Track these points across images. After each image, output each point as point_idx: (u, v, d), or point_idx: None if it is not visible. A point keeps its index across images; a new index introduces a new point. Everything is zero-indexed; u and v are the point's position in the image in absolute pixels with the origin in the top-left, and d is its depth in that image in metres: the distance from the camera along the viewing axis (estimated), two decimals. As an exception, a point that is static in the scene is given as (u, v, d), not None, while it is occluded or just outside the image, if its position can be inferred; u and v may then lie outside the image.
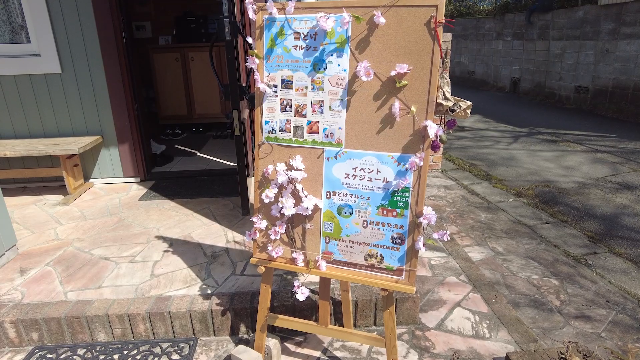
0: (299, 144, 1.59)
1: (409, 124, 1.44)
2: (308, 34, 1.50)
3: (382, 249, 1.55)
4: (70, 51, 3.52)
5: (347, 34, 1.46)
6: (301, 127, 1.58)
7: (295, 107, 1.57)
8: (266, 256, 1.72)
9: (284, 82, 1.57)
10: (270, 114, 1.61)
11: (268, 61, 1.58)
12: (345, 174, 1.55)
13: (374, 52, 1.44)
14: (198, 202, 3.40)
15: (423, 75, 1.40)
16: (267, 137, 1.64)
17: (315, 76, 1.52)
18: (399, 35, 1.40)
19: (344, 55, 1.47)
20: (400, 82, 1.41)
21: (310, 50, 1.51)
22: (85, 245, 2.73)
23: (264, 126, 1.63)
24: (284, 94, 1.58)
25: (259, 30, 1.57)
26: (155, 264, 2.48)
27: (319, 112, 1.54)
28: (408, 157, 1.46)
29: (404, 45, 1.40)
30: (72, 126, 3.73)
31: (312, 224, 1.63)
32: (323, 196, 1.60)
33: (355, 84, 1.48)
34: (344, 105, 1.50)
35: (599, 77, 7.69)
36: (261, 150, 1.66)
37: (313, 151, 1.58)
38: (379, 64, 1.44)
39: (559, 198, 4.18)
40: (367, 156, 1.51)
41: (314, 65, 1.52)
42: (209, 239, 2.77)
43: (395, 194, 1.50)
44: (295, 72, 1.55)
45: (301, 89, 1.55)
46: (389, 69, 1.43)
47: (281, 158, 1.63)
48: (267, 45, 1.57)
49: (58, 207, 3.37)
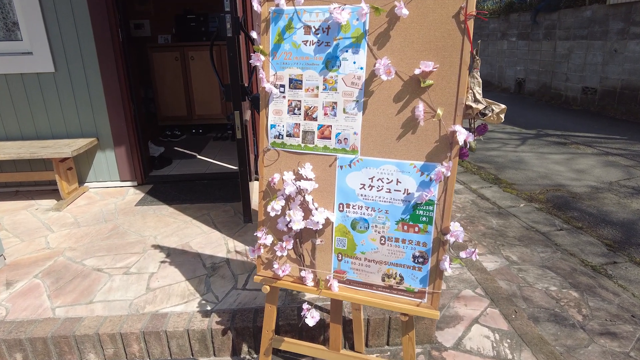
0: (308, 151, 1.43)
1: (434, 129, 1.28)
2: (320, 27, 1.34)
3: (402, 268, 1.39)
4: (64, 49, 3.36)
5: (365, 27, 1.29)
6: (311, 131, 1.41)
7: (304, 110, 1.41)
8: (271, 274, 1.55)
9: (292, 82, 1.41)
10: (276, 117, 1.45)
11: (275, 58, 1.42)
12: (361, 184, 1.39)
13: (395, 48, 1.28)
14: (197, 207, 3.24)
15: (451, 74, 1.24)
16: (273, 143, 1.48)
17: (328, 75, 1.36)
18: (424, 29, 1.24)
19: (360, 52, 1.31)
20: (425, 82, 1.25)
21: (322, 45, 1.35)
22: (77, 255, 2.57)
23: (269, 130, 1.47)
24: (293, 95, 1.42)
25: (264, 23, 1.40)
26: (151, 276, 2.32)
27: (332, 115, 1.38)
28: (433, 166, 1.29)
29: (430, 41, 1.24)
30: (66, 128, 3.57)
31: (323, 240, 1.47)
32: (335, 209, 1.43)
33: (373, 83, 1.32)
34: (360, 108, 1.34)
35: (607, 78, 7.53)
36: (266, 156, 1.50)
37: (324, 158, 1.42)
38: (401, 61, 1.28)
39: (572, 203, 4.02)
40: (386, 165, 1.34)
41: (326, 63, 1.36)
42: (208, 248, 2.61)
43: (417, 208, 1.34)
44: (305, 70, 1.39)
45: (312, 89, 1.39)
46: (411, 67, 1.27)
47: (289, 166, 1.47)
48: (274, 41, 1.40)
49: (50, 212, 3.21)
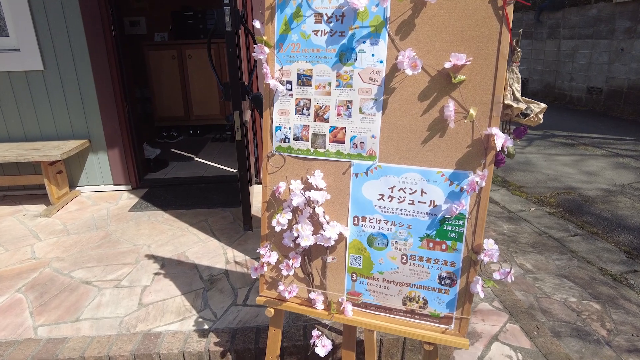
0: (319, 156, 1.26)
1: (466, 131, 1.11)
2: (333, 15, 1.17)
3: (426, 290, 1.22)
4: (53, 47, 3.18)
5: (385, 14, 1.12)
6: (322, 134, 1.24)
7: (314, 110, 1.24)
8: (276, 295, 1.38)
9: (300, 78, 1.24)
10: (282, 118, 1.28)
11: (280, 51, 1.24)
12: (379, 194, 1.21)
13: (421, 38, 1.11)
14: (194, 213, 3.06)
15: (486, 69, 1.07)
16: (279, 147, 1.30)
17: (342, 69, 1.19)
18: (455, 16, 1.07)
19: (380, 43, 1.14)
20: (457, 77, 1.08)
21: (335, 36, 1.18)
22: (65, 266, 2.39)
23: (274, 133, 1.30)
24: (301, 93, 1.25)
25: (269, 11, 1.23)
26: (144, 290, 2.14)
27: (346, 116, 1.21)
28: (464, 174, 1.12)
29: (461, 30, 1.07)
30: (57, 129, 3.39)
31: (335, 257, 1.29)
32: (349, 222, 1.26)
33: (395, 79, 1.15)
34: (379, 107, 1.17)
35: (613, 78, 7.38)
36: (271, 163, 1.32)
37: (337, 165, 1.25)
38: (427, 53, 1.11)
39: (584, 207, 3.86)
40: (409, 172, 1.17)
41: (340, 56, 1.19)
42: (206, 258, 2.44)
43: (445, 222, 1.16)
44: (316, 64, 1.21)
45: (323, 86, 1.22)
46: (440, 60, 1.10)
47: (296, 173, 1.30)
48: (280, 31, 1.23)
49: (39, 219, 3.03)
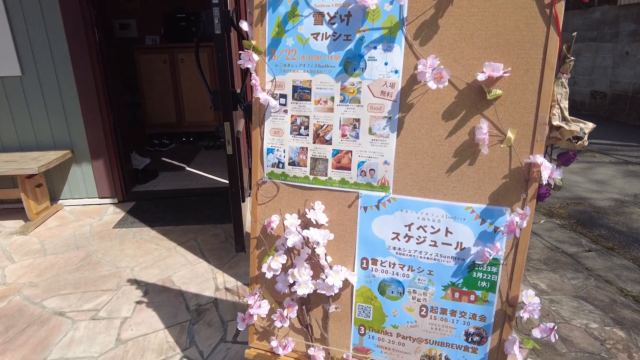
0: (319, 185, 1.04)
1: (501, 159, 0.90)
2: (337, 14, 0.96)
3: (449, 349, 1.00)
4: (32, 50, 2.96)
5: (402, 14, 0.91)
6: (323, 159, 1.03)
7: (314, 129, 1.03)
8: (268, 347, 1.16)
9: (297, 91, 1.02)
10: (275, 139, 1.06)
11: (273, 58, 1.03)
12: (394, 233, 1.00)
13: (446, 43, 0.89)
14: (183, 230, 2.84)
15: (528, 82, 0.86)
16: (271, 173, 1.09)
17: (348, 81, 0.98)
18: (489, 16, 0.86)
19: (395, 48, 0.93)
20: (492, 92, 0.86)
21: (339, 40, 0.96)
22: (37, 294, 2.16)
23: (265, 156, 1.08)
24: (298, 109, 1.03)
25: (258, 10, 1.02)
26: (123, 323, 1.92)
27: (353, 137, 0.99)
28: (499, 211, 0.91)
29: (497, 33, 0.86)
30: (37, 139, 3.16)
31: (339, 306, 1.08)
32: (357, 265, 1.05)
33: (414, 93, 0.93)
34: (394, 127, 0.96)
35: (618, 82, 7.20)
36: (262, 191, 1.11)
37: (342, 196, 1.03)
38: (454, 62, 0.90)
39: (597, 219, 3.66)
40: (431, 207, 0.96)
41: (345, 64, 0.97)
42: (193, 284, 2.21)
43: (475, 269, 0.95)
44: (316, 74, 1.00)
45: (324, 100, 1.00)
46: (470, 71, 0.89)
47: (292, 205, 1.08)
48: (272, 34, 1.02)
49: (15, 236, 2.80)
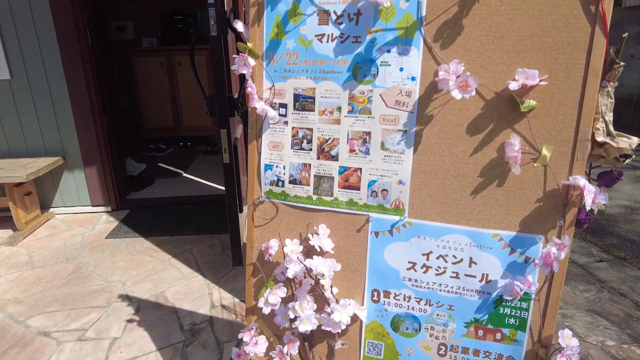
0: (324, 206, 0.92)
1: (535, 179, 0.78)
2: (345, 13, 0.84)
3: (473, 394, 0.88)
4: (21, 53, 2.84)
5: (420, 12, 0.79)
6: (329, 177, 0.91)
7: (318, 143, 0.91)
8: (267, 386, 1.04)
9: (299, 100, 0.90)
10: (274, 154, 0.94)
11: (271, 63, 0.91)
12: (410, 262, 0.88)
13: (472, 46, 0.78)
14: (178, 241, 2.72)
15: (567, 91, 0.74)
16: (270, 192, 0.96)
17: (357, 89, 0.86)
18: (523, 15, 0.74)
19: (411, 52, 0.81)
20: (525, 103, 0.74)
21: (348, 42, 0.85)
22: (22, 311, 2.04)
23: (263, 173, 0.96)
24: (300, 120, 0.91)
25: (255, 9, 0.90)
26: (112, 344, 1.79)
27: (362, 153, 0.87)
28: (531, 239, 0.79)
29: (531, 35, 0.74)
30: (27, 145, 3.04)
31: (346, 343, 0.95)
32: (366, 298, 0.92)
33: (433, 103, 0.81)
34: (410, 142, 0.84)
35: (622, 85, 7.10)
36: (259, 212, 0.98)
37: (350, 219, 0.91)
38: (481, 68, 0.78)
39: (607, 227, 3.53)
40: (453, 234, 0.84)
41: (354, 70, 0.85)
42: (188, 300, 2.09)
43: (502, 304, 0.83)
44: (320, 81, 0.88)
45: (330, 111, 0.88)
46: (500, 78, 0.77)
47: (293, 228, 0.96)
48: (271, 35, 0.90)
49: (2, 247, 2.68)
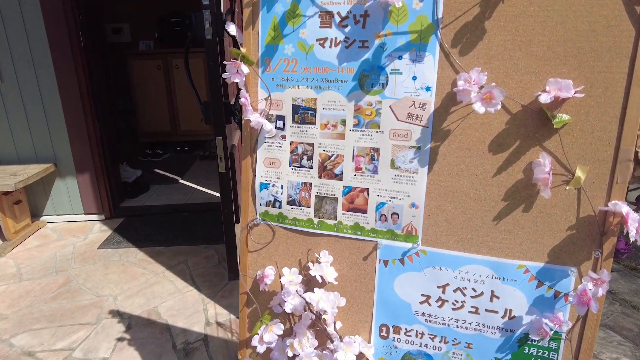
0: (327, 231, 0.83)
1: (567, 204, 0.68)
2: (350, 14, 0.74)
3: None
4: (11, 56, 2.75)
5: (436, 13, 0.70)
6: (332, 197, 0.81)
7: (320, 160, 0.81)
8: None
9: (298, 111, 0.81)
10: (270, 171, 0.85)
11: (267, 70, 0.82)
12: (423, 295, 0.78)
13: (495, 52, 0.68)
14: (173, 252, 2.61)
15: (606, 104, 0.64)
16: (265, 214, 0.87)
17: (364, 100, 0.76)
18: (554, 17, 0.65)
19: (426, 58, 0.71)
20: (558, 117, 0.65)
21: (353, 47, 0.75)
22: (6, 328, 1.93)
23: (258, 193, 0.86)
24: (299, 134, 0.82)
25: (249, 9, 0.80)
26: (100, 365, 1.69)
27: (370, 172, 0.78)
28: (562, 272, 0.69)
29: (564, 40, 0.65)
30: (17, 151, 2.95)
31: (352, 382, 0.86)
32: (374, 333, 0.83)
33: (451, 117, 0.72)
34: (425, 160, 0.74)
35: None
36: (253, 236, 0.89)
37: (355, 246, 0.81)
38: (506, 77, 0.68)
39: (615, 235, 3.43)
40: (473, 264, 0.74)
41: (360, 79, 0.76)
42: (182, 317, 1.99)
43: (527, 343, 0.73)
44: (322, 91, 0.79)
45: (333, 124, 0.79)
46: (527, 89, 0.67)
47: (291, 254, 0.86)
48: (266, 39, 0.80)
49: (-10, 258, 2.58)
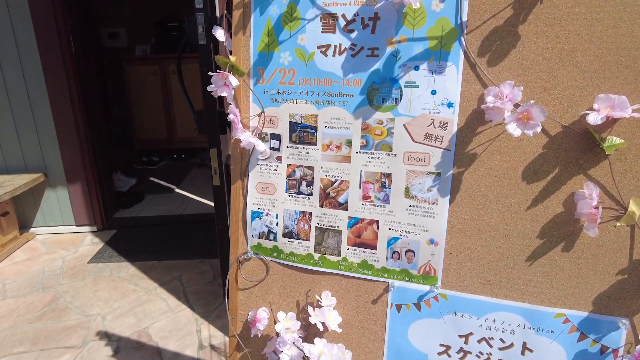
0: (329, 268, 0.71)
1: (616, 243, 0.57)
2: (357, 17, 0.63)
3: None
4: (0, 63, 2.65)
5: (460, 16, 0.59)
6: (335, 230, 0.70)
7: (322, 187, 0.70)
8: None
9: (296, 130, 0.70)
10: (264, 198, 0.73)
11: (260, 82, 0.70)
12: (442, 345, 0.67)
13: (530, 62, 0.57)
14: (166, 267, 2.50)
15: (667, 123, 0.53)
16: (258, 247, 0.75)
17: (373, 117, 0.65)
18: (604, 20, 0.54)
19: (447, 69, 0.60)
20: (608, 141, 0.54)
21: (361, 56, 0.64)
22: (-14, 352, 1.82)
23: (250, 222, 0.75)
24: (297, 156, 0.71)
25: (240, 12, 0.70)
26: (84, 394, 1.57)
27: (380, 201, 0.67)
28: (611, 323, 0.58)
29: (618, 47, 0.54)
30: (5, 160, 2.84)
31: None
32: (385, 386, 0.71)
33: (477, 138, 0.61)
34: (446, 189, 0.63)
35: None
36: (244, 272, 0.77)
37: (363, 287, 0.70)
38: (543, 92, 0.57)
39: None
40: (501, 311, 0.63)
41: (369, 93, 0.65)
42: (173, 339, 1.87)
43: (570, 406, 0.62)
44: (325, 106, 0.67)
45: (337, 145, 0.68)
46: (570, 106, 0.56)
47: (287, 294, 0.75)
48: (259, 47, 0.69)
49: (-26, 274, 2.46)
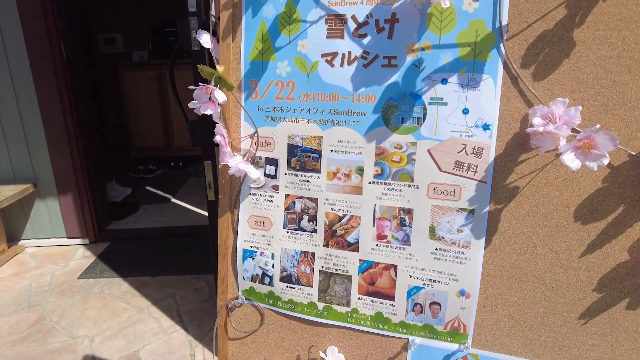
0: (336, 321, 0.59)
1: None
2: (369, 19, 0.52)
3: None
4: (-13, 69, 2.55)
5: (497, 19, 0.48)
6: (343, 275, 0.58)
7: (327, 222, 0.58)
8: None
9: (296, 154, 0.58)
10: (257, 234, 0.62)
11: (253, 97, 0.59)
12: (474, 418, 0.55)
13: (588, 76, 0.46)
14: (160, 283, 2.37)
15: None
16: (250, 291, 0.64)
17: (390, 141, 0.53)
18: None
19: (483, 83, 0.49)
20: (694, 175, 0.43)
21: (375, 66, 0.53)
22: (-37, 379, 1.69)
23: (241, 263, 0.63)
24: (297, 185, 0.59)
25: (229, 13, 0.58)
26: None
27: (399, 242, 0.55)
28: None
29: (699, 53, 0.43)
30: (-7, 171, 2.73)
31: None
32: None
33: (520, 168, 0.49)
34: (481, 230, 0.51)
35: None
36: (234, 320, 0.65)
37: (377, 344, 0.58)
38: (605, 112, 0.46)
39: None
40: (550, 383, 0.51)
41: (385, 111, 0.53)
42: (165, 365, 1.74)
43: None
44: (330, 126, 0.56)
45: (345, 173, 0.56)
46: (639, 131, 0.45)
47: (286, 349, 0.63)
48: (252, 55, 0.58)
49: (-42, 291, 2.34)
